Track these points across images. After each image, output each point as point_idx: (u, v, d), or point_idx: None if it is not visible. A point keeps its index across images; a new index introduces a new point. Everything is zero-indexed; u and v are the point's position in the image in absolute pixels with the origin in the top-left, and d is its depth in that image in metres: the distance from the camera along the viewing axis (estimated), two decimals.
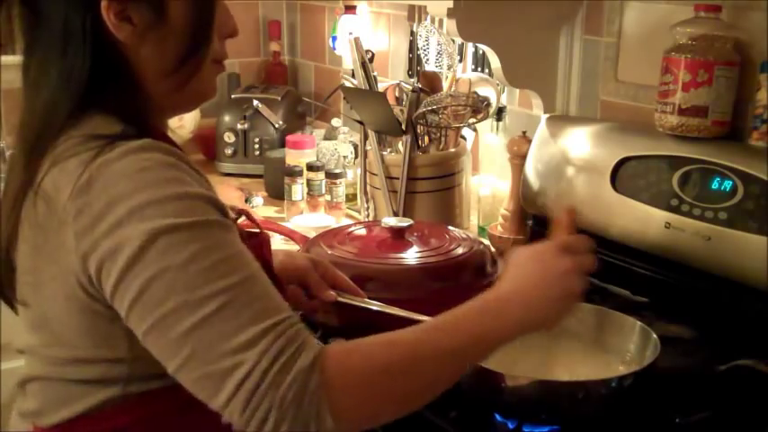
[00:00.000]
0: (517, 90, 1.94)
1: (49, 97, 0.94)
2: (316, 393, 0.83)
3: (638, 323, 1.24)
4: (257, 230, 1.14)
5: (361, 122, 1.92)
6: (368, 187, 1.94)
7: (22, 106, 0.97)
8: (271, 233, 1.92)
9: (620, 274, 1.58)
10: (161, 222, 0.85)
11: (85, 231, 0.87)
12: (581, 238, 1.05)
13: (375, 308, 1.28)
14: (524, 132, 1.80)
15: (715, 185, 1.42)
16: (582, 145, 1.64)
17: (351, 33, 2.19)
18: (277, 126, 2.49)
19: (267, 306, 0.87)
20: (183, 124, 2.46)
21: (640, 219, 1.51)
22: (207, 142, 2.58)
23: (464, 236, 1.50)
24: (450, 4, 1.60)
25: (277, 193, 2.23)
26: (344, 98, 2.12)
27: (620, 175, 1.56)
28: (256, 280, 0.89)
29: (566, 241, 1.03)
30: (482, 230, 1.91)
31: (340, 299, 1.28)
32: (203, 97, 1.04)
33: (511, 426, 1.13)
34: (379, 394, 0.88)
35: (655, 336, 1.20)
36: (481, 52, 1.99)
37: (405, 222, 1.47)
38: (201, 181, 0.92)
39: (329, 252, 1.41)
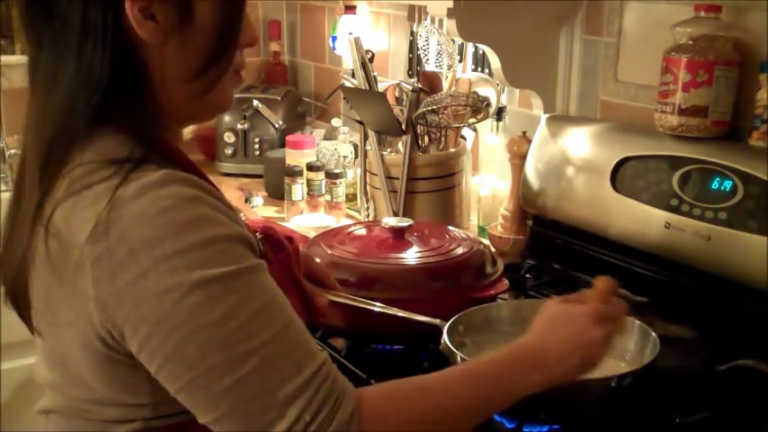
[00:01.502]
0: (517, 90, 1.94)
1: (64, 99, 0.87)
2: None
3: (638, 322, 1.24)
4: (286, 239, 1.10)
5: (361, 122, 1.92)
6: (368, 187, 1.94)
7: (29, 108, 0.91)
8: None
9: (620, 274, 1.56)
10: (190, 276, 0.80)
11: (106, 281, 0.82)
12: (617, 306, 1.06)
13: (377, 309, 1.28)
14: (524, 132, 1.80)
15: (715, 185, 1.42)
16: (582, 145, 1.64)
17: (351, 33, 2.19)
18: (277, 126, 2.49)
19: (305, 353, 0.86)
20: None
21: (640, 219, 1.51)
22: (207, 142, 2.58)
23: (464, 236, 1.49)
24: (450, 4, 1.60)
25: (277, 194, 2.23)
26: (344, 98, 2.12)
27: (620, 175, 1.56)
28: (292, 325, 0.87)
29: (603, 311, 1.03)
30: (482, 230, 1.91)
31: (333, 298, 1.28)
32: (221, 108, 0.99)
33: (511, 425, 1.13)
34: None
35: (654, 335, 1.20)
36: (481, 52, 1.99)
37: (405, 222, 1.47)
38: (227, 211, 0.87)
39: (329, 252, 1.41)
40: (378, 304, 1.28)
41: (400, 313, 1.26)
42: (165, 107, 0.92)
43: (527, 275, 1.67)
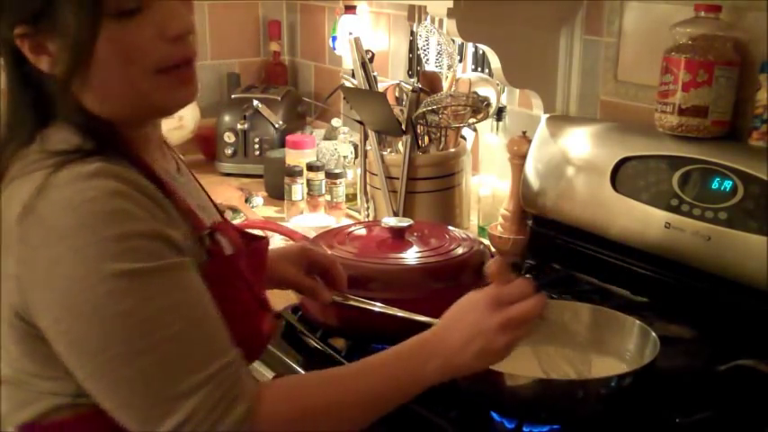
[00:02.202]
0: (517, 90, 1.94)
1: (10, 97, 0.96)
2: None
3: (638, 322, 1.24)
4: (261, 234, 1.12)
5: (361, 122, 1.92)
6: (368, 187, 1.94)
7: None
8: (271, 233, 1.92)
9: (619, 274, 1.58)
10: (101, 267, 0.84)
11: (26, 262, 0.87)
12: (518, 286, 1.02)
13: (377, 309, 1.28)
14: (524, 132, 1.80)
15: (715, 185, 1.42)
16: (582, 145, 1.64)
17: (351, 33, 2.19)
18: (277, 126, 2.49)
19: (209, 352, 0.89)
20: (184, 124, 2.46)
21: (640, 219, 1.51)
22: (207, 142, 2.58)
23: (464, 236, 1.49)
24: (450, 5, 1.60)
25: (277, 193, 2.23)
26: (344, 98, 2.12)
27: (620, 175, 1.56)
28: (201, 325, 0.90)
29: (498, 294, 1.01)
30: (482, 230, 1.91)
31: (336, 298, 1.29)
32: (158, 108, 0.98)
33: (511, 425, 1.13)
34: None
35: (654, 335, 1.20)
36: (481, 52, 1.99)
37: (405, 222, 1.47)
38: (155, 211, 0.90)
39: (329, 252, 1.41)
40: (378, 304, 1.28)
41: (400, 313, 1.26)
42: (103, 114, 0.94)
43: (527, 275, 1.67)
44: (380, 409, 1.00)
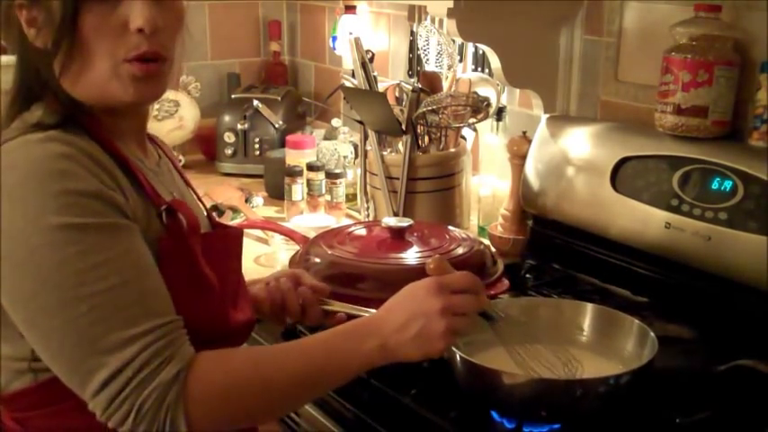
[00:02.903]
0: (517, 90, 1.94)
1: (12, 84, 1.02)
2: (174, 404, 0.90)
3: (636, 322, 1.24)
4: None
5: (361, 122, 1.92)
6: (368, 187, 1.94)
7: None
8: (271, 233, 1.92)
9: (620, 274, 1.58)
10: (39, 220, 0.88)
11: None
12: (464, 277, 1.05)
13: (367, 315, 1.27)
14: (524, 132, 1.80)
15: (715, 185, 1.42)
16: (582, 145, 1.64)
17: (351, 33, 2.19)
18: (277, 126, 2.49)
19: (144, 311, 0.91)
20: (184, 124, 2.46)
21: (640, 219, 1.51)
22: (207, 142, 2.58)
23: (464, 236, 1.49)
24: (451, 5, 1.60)
25: (277, 193, 2.23)
26: (344, 98, 2.12)
27: (620, 175, 1.56)
28: (136, 283, 0.92)
29: (444, 280, 1.04)
30: (482, 230, 1.91)
31: (326, 308, 1.27)
32: (120, 101, 1.00)
33: (511, 425, 1.13)
34: (235, 409, 0.95)
35: (652, 334, 1.20)
36: (481, 52, 1.99)
37: (405, 222, 1.47)
38: (102, 176, 0.93)
39: (329, 252, 1.41)
40: (372, 311, 1.27)
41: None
42: (74, 94, 0.99)
43: (527, 275, 1.67)
44: (316, 386, 1.03)
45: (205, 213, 1.21)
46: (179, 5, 1.02)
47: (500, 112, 1.92)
